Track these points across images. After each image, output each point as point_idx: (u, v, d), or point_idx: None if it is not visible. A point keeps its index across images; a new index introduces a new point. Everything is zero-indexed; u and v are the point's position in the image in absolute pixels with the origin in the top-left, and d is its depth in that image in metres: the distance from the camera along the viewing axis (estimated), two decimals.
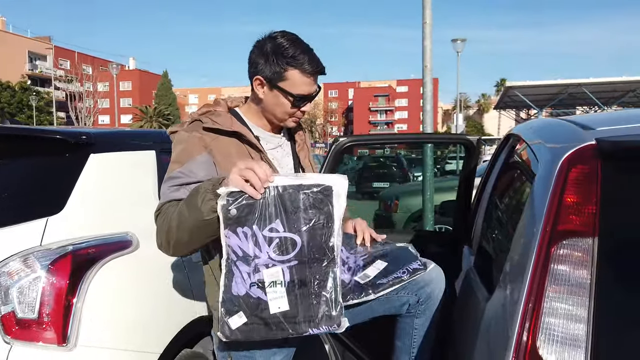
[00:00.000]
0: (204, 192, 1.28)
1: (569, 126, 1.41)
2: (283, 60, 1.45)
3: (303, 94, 1.49)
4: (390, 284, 1.49)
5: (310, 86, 1.50)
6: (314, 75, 1.49)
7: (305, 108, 1.54)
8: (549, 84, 17.19)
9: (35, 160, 1.93)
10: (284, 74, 1.46)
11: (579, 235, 1.05)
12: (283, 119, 1.55)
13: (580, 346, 0.96)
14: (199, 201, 1.27)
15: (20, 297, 1.55)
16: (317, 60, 1.49)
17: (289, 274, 1.28)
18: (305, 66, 1.46)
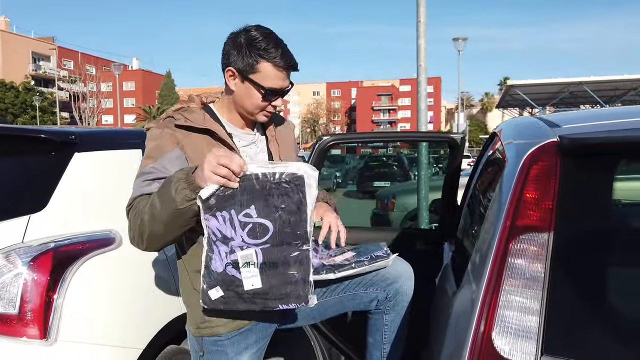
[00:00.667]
0: (177, 182, 1.29)
1: (538, 124, 1.43)
2: (256, 52, 1.44)
3: (274, 87, 1.48)
4: (353, 266, 1.52)
5: (281, 80, 1.49)
6: (286, 70, 1.49)
7: (276, 103, 1.53)
8: (551, 83, 17.14)
9: (21, 159, 1.97)
10: (256, 66, 1.45)
11: (536, 230, 1.07)
12: (253, 112, 1.53)
13: (532, 337, 0.98)
14: (172, 191, 1.28)
15: (1, 293, 1.58)
16: (289, 55, 1.48)
17: (262, 256, 1.34)
18: (277, 59, 1.45)
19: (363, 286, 1.61)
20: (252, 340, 1.53)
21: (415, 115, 5.58)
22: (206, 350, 1.51)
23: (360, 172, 15.70)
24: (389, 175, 14.61)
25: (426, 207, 4.98)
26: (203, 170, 1.28)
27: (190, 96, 1.61)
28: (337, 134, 2.66)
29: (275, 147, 1.64)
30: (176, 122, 1.47)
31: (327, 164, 18.94)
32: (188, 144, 1.47)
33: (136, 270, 1.97)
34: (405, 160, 16.23)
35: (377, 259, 1.58)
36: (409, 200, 6.62)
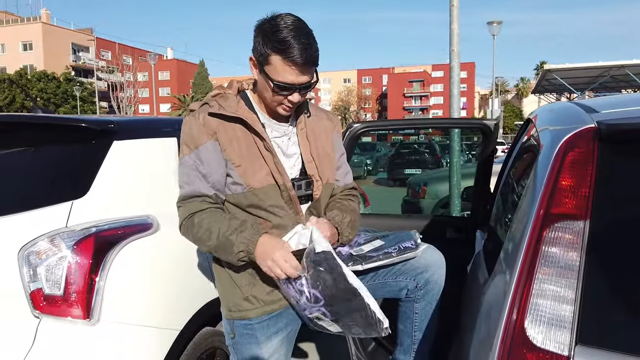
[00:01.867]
0: (238, 252, 1.43)
1: (575, 109, 1.40)
2: (269, 43, 1.39)
3: (284, 81, 1.41)
4: (380, 257, 1.52)
5: (293, 76, 1.41)
6: (299, 65, 1.39)
7: (292, 98, 1.45)
8: (590, 67, 16.45)
9: (63, 147, 2.05)
10: (268, 58, 1.41)
11: (571, 218, 1.05)
12: (271, 105, 1.50)
13: (567, 327, 0.97)
14: (232, 254, 1.44)
15: (47, 275, 1.67)
16: (304, 49, 1.38)
17: (329, 313, 1.47)
18: (288, 53, 1.38)
19: (393, 275, 1.61)
20: (282, 324, 1.56)
21: (448, 102, 5.48)
22: (237, 333, 1.55)
23: (391, 159, 15.56)
24: (420, 162, 14.45)
25: (458, 194, 4.91)
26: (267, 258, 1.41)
27: (231, 82, 1.61)
28: (368, 121, 2.65)
29: (305, 143, 1.58)
30: (210, 110, 1.48)
31: (358, 151, 18.86)
32: (221, 132, 1.48)
33: (172, 255, 2.03)
34: (437, 148, 15.99)
35: (405, 250, 1.56)
36: (440, 187, 6.54)
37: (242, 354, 1.56)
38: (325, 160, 1.61)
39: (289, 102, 1.47)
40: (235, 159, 1.47)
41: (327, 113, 1.72)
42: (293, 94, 1.45)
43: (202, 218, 1.46)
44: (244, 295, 1.52)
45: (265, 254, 1.41)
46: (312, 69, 1.45)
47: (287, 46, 1.38)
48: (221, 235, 1.43)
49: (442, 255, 1.63)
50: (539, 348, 0.96)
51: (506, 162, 2.32)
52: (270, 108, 1.53)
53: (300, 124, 1.60)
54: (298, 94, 1.46)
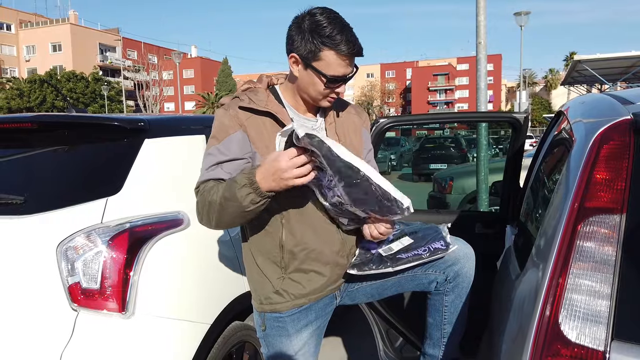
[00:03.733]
0: (241, 188, 1.34)
1: (609, 101, 1.37)
2: (319, 39, 1.40)
3: (337, 75, 1.44)
4: (410, 259, 1.51)
5: (345, 68, 1.44)
6: (350, 57, 1.44)
7: (339, 89, 1.50)
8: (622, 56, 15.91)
9: (97, 146, 2.11)
10: (318, 54, 1.42)
11: (607, 212, 1.03)
12: (317, 99, 1.51)
13: (602, 322, 0.95)
14: (238, 197, 1.35)
15: (84, 269, 1.72)
16: (354, 41, 1.42)
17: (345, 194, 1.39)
18: (341, 47, 1.40)
19: (422, 268, 1.60)
20: (312, 317, 1.58)
21: (474, 95, 5.41)
22: (268, 326, 1.58)
23: (416, 154, 15.43)
24: (446, 157, 14.30)
25: (486, 189, 4.85)
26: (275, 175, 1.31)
27: (260, 76, 1.62)
28: (394, 116, 2.63)
29: (334, 139, 1.58)
30: (240, 104, 1.50)
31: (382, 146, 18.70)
32: (250, 124, 1.49)
33: (203, 250, 2.07)
34: (463, 142, 15.80)
35: (435, 251, 1.55)
36: (467, 182, 6.47)
37: (273, 346, 1.58)
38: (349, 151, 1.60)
39: (336, 94, 1.51)
40: (265, 152, 1.48)
41: (355, 108, 1.72)
42: (341, 85, 1.49)
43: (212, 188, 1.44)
44: (275, 289, 1.54)
45: (268, 173, 1.33)
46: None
47: (338, 41, 1.40)
48: (223, 189, 1.40)
49: (471, 248, 1.62)
50: (574, 343, 0.95)
51: (536, 156, 2.28)
52: (314, 102, 1.54)
53: (328, 118, 1.61)
54: (344, 85, 1.50)
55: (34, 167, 2.11)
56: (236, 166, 1.48)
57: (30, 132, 2.15)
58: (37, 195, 1.95)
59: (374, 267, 1.53)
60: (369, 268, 1.54)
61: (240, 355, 2.24)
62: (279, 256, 1.52)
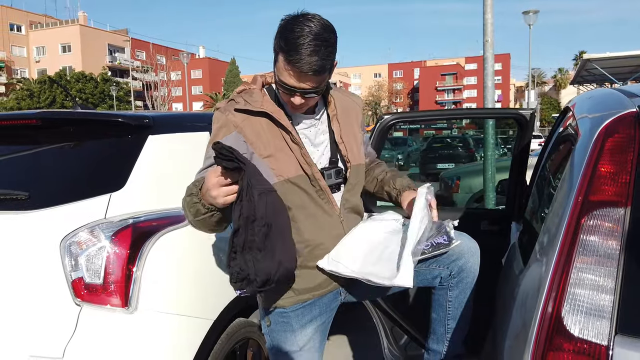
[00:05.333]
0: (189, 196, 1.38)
1: (616, 95, 1.35)
2: (279, 40, 1.37)
3: (285, 82, 1.40)
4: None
5: (291, 79, 1.38)
6: (297, 72, 1.35)
7: (294, 100, 1.43)
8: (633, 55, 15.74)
9: (101, 142, 2.12)
10: (277, 55, 1.40)
11: (611, 205, 1.02)
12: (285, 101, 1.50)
13: (605, 317, 0.94)
14: (187, 204, 1.39)
15: (87, 265, 1.73)
16: (306, 57, 1.32)
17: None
18: (290, 57, 1.34)
19: (426, 263, 1.59)
20: (317, 312, 1.58)
21: (482, 95, 5.37)
22: (273, 321, 1.57)
23: (424, 154, 15.36)
24: (453, 156, 14.23)
25: (492, 188, 4.82)
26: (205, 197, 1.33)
27: (255, 77, 1.62)
28: (398, 112, 2.62)
29: (336, 126, 1.60)
30: (236, 106, 1.50)
31: (389, 146, 18.73)
32: (247, 126, 1.48)
33: (207, 246, 2.07)
34: (471, 142, 15.71)
35: (438, 246, 1.54)
36: (474, 181, 6.43)
37: (278, 341, 1.58)
38: (353, 143, 1.62)
39: (292, 103, 1.45)
40: (264, 151, 1.48)
41: (350, 94, 1.73)
42: (295, 97, 1.43)
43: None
44: None
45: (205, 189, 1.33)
46: (317, 77, 1.38)
47: (290, 48, 1.34)
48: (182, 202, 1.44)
49: (476, 243, 1.61)
50: (577, 337, 0.94)
51: (542, 154, 2.26)
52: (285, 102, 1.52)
53: (330, 107, 1.60)
54: (300, 97, 1.43)
55: (39, 163, 2.13)
56: None
57: (35, 129, 2.16)
58: (42, 191, 1.96)
59: None
60: None
61: (244, 352, 2.24)
62: None
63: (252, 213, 1.29)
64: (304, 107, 1.49)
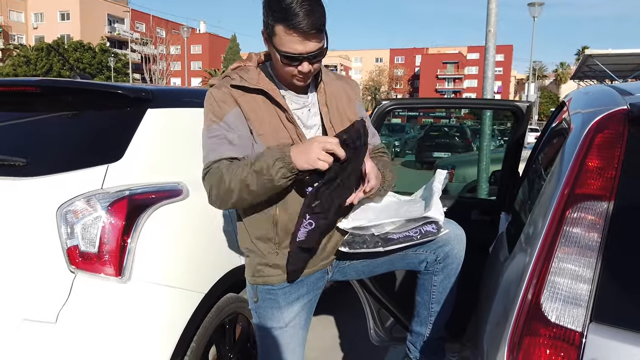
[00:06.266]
0: (275, 162, 1.35)
1: (610, 92, 1.37)
2: (272, 13, 1.35)
3: (290, 52, 1.37)
4: (401, 240, 1.53)
5: (298, 44, 1.36)
6: (302, 34, 1.34)
7: (302, 68, 1.41)
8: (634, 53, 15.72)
9: (100, 113, 2.12)
10: (273, 29, 1.37)
11: (595, 198, 1.05)
12: (286, 78, 1.48)
13: (582, 304, 0.98)
14: (271, 171, 1.35)
15: (83, 233, 1.75)
16: (306, 16, 1.32)
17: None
18: (290, 21, 1.32)
19: (413, 247, 1.63)
20: (304, 291, 1.61)
21: (482, 85, 5.37)
22: (260, 298, 1.61)
23: (420, 142, 15.37)
24: (450, 146, 14.26)
25: (486, 178, 4.86)
26: (308, 154, 1.34)
27: (250, 54, 1.60)
28: (397, 98, 2.64)
29: (325, 111, 1.58)
30: (232, 82, 1.49)
31: (386, 132, 18.71)
32: (244, 103, 1.48)
33: (201, 221, 2.10)
34: (468, 131, 15.73)
35: (427, 234, 1.57)
36: (468, 171, 6.47)
37: (264, 318, 1.62)
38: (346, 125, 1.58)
39: (300, 73, 1.44)
40: (259, 129, 1.48)
41: (347, 80, 1.71)
42: (302, 64, 1.41)
43: (229, 167, 1.42)
44: (268, 263, 1.57)
45: (304, 150, 1.36)
46: (319, 36, 1.38)
47: (288, 14, 1.32)
48: (251, 164, 1.39)
49: (462, 230, 1.64)
50: (553, 323, 0.98)
51: (536, 146, 2.29)
52: (287, 81, 1.51)
53: (320, 92, 1.59)
54: (308, 63, 1.41)
55: (37, 131, 2.14)
56: (245, 141, 1.46)
57: (34, 96, 2.17)
58: (40, 159, 1.97)
59: (365, 246, 1.55)
60: (360, 247, 1.57)
61: (233, 326, 2.29)
62: (272, 232, 1.53)
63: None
64: (310, 77, 1.49)
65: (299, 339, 1.63)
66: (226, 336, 2.24)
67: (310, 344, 1.85)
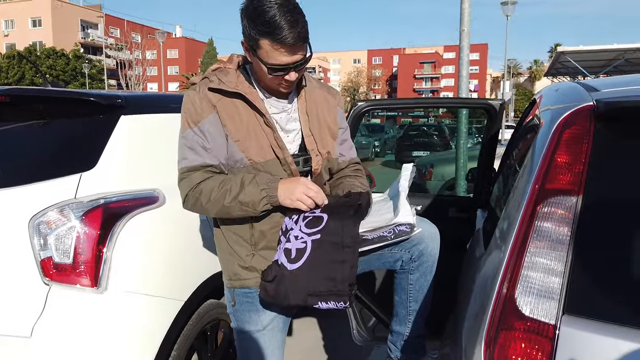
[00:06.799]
0: (262, 198, 1.46)
1: (577, 89, 1.40)
2: (255, 27, 1.36)
3: (278, 64, 1.39)
4: (375, 241, 1.54)
5: (285, 56, 1.38)
6: (288, 47, 1.36)
7: (289, 77, 1.44)
8: (605, 49, 16.14)
9: (72, 121, 2.08)
10: (258, 42, 1.38)
11: (565, 193, 1.07)
12: (271, 86, 1.50)
13: (554, 298, 1.00)
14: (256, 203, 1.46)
15: (57, 244, 1.72)
16: (291, 29, 1.34)
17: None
18: (275, 36, 1.34)
19: (388, 247, 1.64)
20: None
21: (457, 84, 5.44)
22: (237, 301, 1.60)
23: (400, 141, 15.51)
24: (428, 144, 14.41)
25: (464, 176, 4.93)
26: (292, 195, 1.46)
27: (231, 56, 1.60)
28: (372, 99, 2.65)
29: (304, 118, 1.59)
30: (210, 85, 1.49)
31: (365, 133, 18.82)
32: (221, 106, 1.48)
33: (178, 228, 2.08)
34: (446, 130, 15.92)
35: (400, 234, 1.58)
36: (447, 169, 6.55)
37: (242, 321, 1.61)
38: (326, 134, 1.62)
39: (287, 82, 1.47)
40: (235, 134, 1.49)
41: (329, 88, 1.73)
42: (289, 74, 1.44)
43: (211, 183, 1.47)
44: (245, 265, 1.56)
45: (289, 189, 1.46)
46: (304, 46, 1.41)
47: (273, 28, 1.33)
48: (240, 187, 1.45)
49: (436, 228, 1.66)
50: (528, 317, 1.00)
51: (510, 143, 2.33)
52: (271, 87, 1.53)
53: (300, 99, 1.61)
54: (294, 72, 1.44)
55: (8, 141, 2.08)
56: (220, 148, 1.49)
57: (4, 106, 2.12)
58: (11, 169, 1.93)
59: None
60: None
61: (214, 332, 2.27)
62: (248, 234, 1.55)
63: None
64: (295, 83, 1.52)
65: (277, 341, 1.62)
66: (208, 343, 2.22)
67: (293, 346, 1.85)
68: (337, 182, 1.72)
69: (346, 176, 1.73)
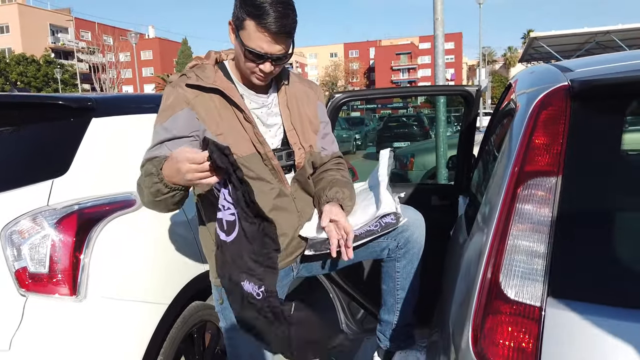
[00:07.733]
0: (149, 176, 1.34)
1: (551, 70, 1.41)
2: (245, 7, 1.36)
3: (256, 49, 1.38)
4: (363, 236, 1.54)
5: (266, 44, 1.37)
6: (271, 34, 1.36)
7: (263, 67, 1.42)
8: (576, 33, 16.43)
9: (42, 126, 2.02)
10: (243, 22, 1.37)
11: (544, 175, 1.07)
12: (246, 73, 1.47)
13: (539, 280, 0.99)
14: (148, 184, 1.35)
15: (31, 254, 1.66)
16: (279, 19, 1.34)
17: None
18: (261, 20, 1.34)
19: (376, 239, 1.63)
20: None
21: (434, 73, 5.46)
22: (225, 299, 1.58)
23: (380, 133, 15.58)
24: (409, 135, 14.51)
25: (444, 164, 4.95)
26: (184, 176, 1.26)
27: (208, 52, 1.59)
28: (350, 90, 2.64)
29: (286, 112, 1.58)
30: (187, 81, 1.47)
31: (346, 126, 18.84)
32: (199, 103, 1.46)
33: (158, 230, 2.04)
34: (425, 120, 16.04)
35: (387, 226, 1.59)
36: (428, 158, 6.58)
37: (231, 319, 1.59)
38: (307, 128, 1.61)
39: (261, 72, 1.44)
40: (217, 129, 1.47)
41: (309, 82, 1.72)
42: (265, 63, 1.42)
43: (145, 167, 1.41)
44: None
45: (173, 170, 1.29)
46: (287, 40, 1.41)
47: (262, 12, 1.34)
48: (138, 182, 1.42)
49: (421, 215, 1.66)
50: (513, 300, 0.99)
51: (488, 129, 2.34)
52: (246, 77, 1.51)
53: (281, 93, 1.59)
54: (270, 64, 1.42)
55: None
56: (180, 144, 1.44)
57: None
58: None
59: (328, 247, 1.55)
60: (326, 248, 1.56)
61: (201, 334, 2.23)
62: None
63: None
64: (269, 78, 1.49)
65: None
66: (195, 345, 2.18)
67: None
68: (320, 176, 1.71)
69: (328, 170, 1.72)
